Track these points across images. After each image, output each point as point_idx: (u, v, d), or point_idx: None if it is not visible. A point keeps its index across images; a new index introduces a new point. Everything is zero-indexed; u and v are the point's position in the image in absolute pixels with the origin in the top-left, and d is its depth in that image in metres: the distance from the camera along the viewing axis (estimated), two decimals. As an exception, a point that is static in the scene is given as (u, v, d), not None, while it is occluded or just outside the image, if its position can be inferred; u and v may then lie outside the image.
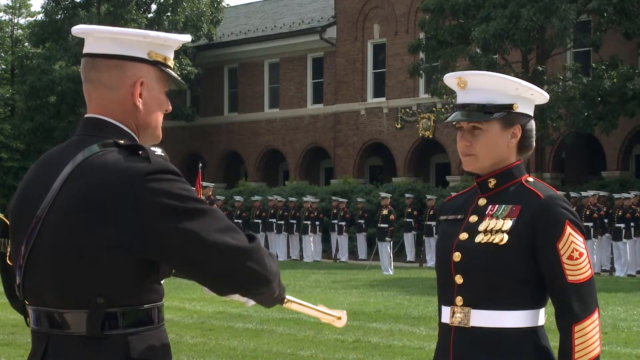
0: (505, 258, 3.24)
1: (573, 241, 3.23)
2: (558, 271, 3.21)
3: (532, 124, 3.45)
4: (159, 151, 2.59)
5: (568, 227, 3.24)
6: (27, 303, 2.63)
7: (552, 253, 3.22)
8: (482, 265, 3.24)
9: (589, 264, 3.26)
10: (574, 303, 3.18)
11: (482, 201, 3.40)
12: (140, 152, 2.53)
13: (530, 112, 3.44)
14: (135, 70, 2.66)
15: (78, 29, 2.70)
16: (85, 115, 2.71)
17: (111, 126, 2.64)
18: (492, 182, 3.39)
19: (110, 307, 2.49)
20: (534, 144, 3.50)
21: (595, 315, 3.22)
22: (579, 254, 3.23)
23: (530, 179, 3.39)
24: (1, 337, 12.10)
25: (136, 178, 2.48)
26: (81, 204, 2.50)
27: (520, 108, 3.39)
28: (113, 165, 2.51)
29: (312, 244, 31.07)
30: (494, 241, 3.26)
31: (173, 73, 2.73)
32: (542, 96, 3.47)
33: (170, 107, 2.77)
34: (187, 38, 2.78)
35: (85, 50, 2.70)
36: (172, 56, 2.74)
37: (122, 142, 2.58)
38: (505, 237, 3.25)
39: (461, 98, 3.40)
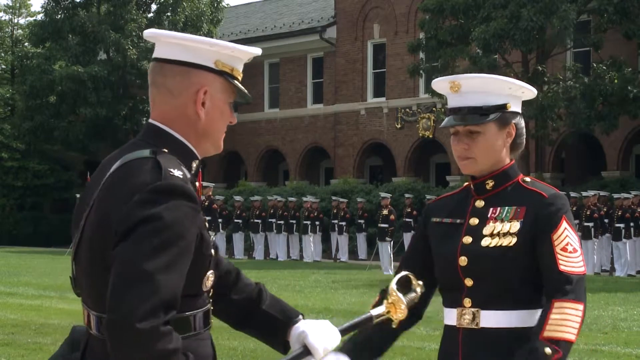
0: (515, 259, 3.24)
1: (568, 235, 3.24)
2: (551, 261, 3.20)
3: (522, 121, 3.45)
4: (179, 173, 2.51)
5: (564, 222, 3.25)
6: (81, 299, 2.68)
7: (547, 244, 3.22)
8: (492, 268, 3.23)
9: (582, 262, 3.25)
10: (562, 287, 3.16)
11: (479, 203, 3.38)
12: (161, 169, 2.49)
13: (520, 110, 3.44)
14: (199, 79, 2.64)
15: (148, 33, 2.70)
16: (148, 120, 2.71)
17: (164, 134, 2.64)
18: (490, 184, 3.38)
19: None
20: (524, 142, 3.49)
21: (581, 306, 3.17)
22: (573, 249, 3.23)
23: (528, 179, 3.39)
24: (1, 337, 12.09)
25: (137, 191, 2.46)
26: (101, 209, 2.52)
27: (512, 107, 3.38)
28: (130, 175, 2.51)
29: (312, 244, 31.06)
30: (503, 244, 3.25)
31: (240, 85, 2.71)
32: (531, 93, 3.47)
33: (235, 120, 2.75)
34: (257, 51, 2.76)
35: (154, 54, 2.70)
36: (240, 68, 2.72)
37: (165, 151, 2.57)
38: (514, 239, 3.25)
39: (454, 102, 3.37)
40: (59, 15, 40.17)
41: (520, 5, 25.66)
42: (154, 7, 41.31)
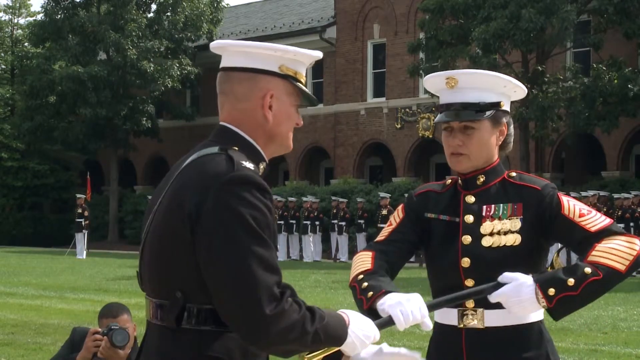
0: (520, 257, 3.23)
1: (575, 204, 3.24)
2: (578, 230, 3.17)
3: (511, 121, 3.45)
4: (250, 165, 2.62)
5: (563, 197, 3.27)
6: (145, 291, 2.76)
7: (563, 221, 3.20)
8: (496, 268, 3.19)
9: (604, 216, 3.22)
10: (607, 235, 3.13)
11: (469, 198, 3.37)
12: (234, 162, 2.59)
13: (509, 109, 3.45)
14: (266, 83, 2.74)
15: (216, 45, 2.81)
16: (219, 123, 2.80)
17: (234, 135, 2.73)
18: (480, 179, 3.37)
19: (188, 302, 2.56)
20: (512, 143, 3.48)
21: (637, 240, 3.12)
22: (587, 210, 3.23)
23: (513, 174, 3.38)
24: (1, 337, 12.08)
25: (214, 183, 2.54)
26: (172, 202, 2.62)
27: (505, 105, 3.39)
28: (204, 168, 2.61)
29: (312, 244, 31.06)
30: (507, 243, 3.24)
31: (304, 87, 2.80)
32: (522, 92, 3.48)
33: (302, 122, 2.86)
34: (318, 54, 2.85)
35: (222, 64, 2.81)
36: (304, 72, 2.81)
37: (235, 149, 2.66)
38: (518, 237, 3.24)
39: (449, 97, 3.36)
40: (59, 15, 40.15)
41: (521, 6, 25.66)
42: (154, 7, 41.29)
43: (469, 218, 3.33)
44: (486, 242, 3.26)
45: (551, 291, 3.03)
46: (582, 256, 3.14)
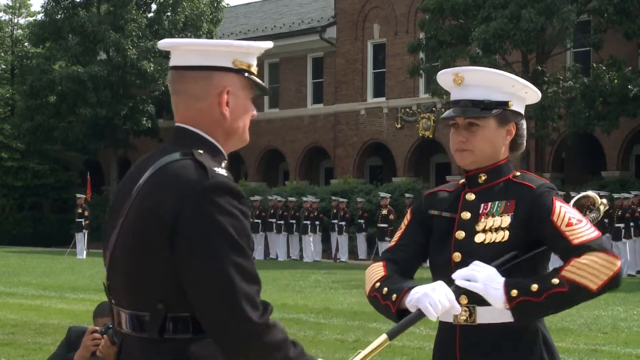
0: (508, 253, 3.23)
1: (566, 211, 3.23)
2: (562, 241, 3.18)
3: (524, 123, 3.46)
4: (222, 171, 2.60)
5: (556, 201, 3.24)
6: (113, 303, 2.73)
7: (549, 226, 3.21)
8: (487, 264, 3.21)
9: (592, 227, 3.22)
10: (587, 250, 3.13)
11: (470, 196, 3.39)
12: (206, 169, 2.57)
13: (523, 111, 3.44)
14: (221, 80, 2.72)
15: (164, 43, 2.77)
16: (175, 125, 2.77)
17: (195, 136, 2.70)
18: (482, 178, 3.39)
19: (170, 312, 2.55)
20: (525, 144, 3.49)
21: (616, 261, 3.13)
22: (577, 220, 3.21)
23: (518, 173, 3.39)
24: (1, 337, 12.09)
25: (191, 192, 2.52)
26: (144, 211, 2.58)
27: (515, 106, 3.39)
28: (175, 175, 2.57)
29: (312, 244, 31.06)
30: (496, 240, 3.25)
31: (257, 79, 2.82)
32: (535, 95, 3.47)
33: (256, 113, 2.83)
34: (268, 45, 2.88)
35: (172, 63, 2.76)
36: (255, 63, 2.83)
37: (200, 152, 2.63)
38: (507, 233, 3.25)
39: (456, 94, 3.39)
40: (59, 15, 40.15)
41: (521, 6, 25.66)
42: (154, 7, 41.29)
43: (466, 215, 3.35)
44: (478, 238, 3.28)
45: (514, 292, 3.10)
46: (557, 267, 3.17)
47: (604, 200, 3.41)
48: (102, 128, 39.89)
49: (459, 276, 3.16)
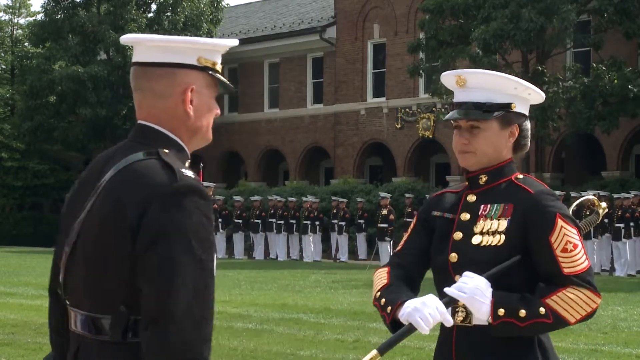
0: (503, 258, 3.24)
1: (566, 234, 3.23)
2: (553, 265, 3.21)
3: (528, 123, 3.46)
4: (189, 172, 2.56)
5: (559, 220, 3.24)
6: (68, 304, 2.68)
7: (546, 247, 3.22)
8: (481, 266, 3.23)
9: (584, 256, 3.25)
10: (574, 283, 3.20)
11: (471, 197, 3.40)
12: (172, 170, 2.53)
13: (527, 112, 3.45)
14: (185, 77, 2.67)
15: (127, 39, 2.71)
16: (137, 122, 2.72)
17: (159, 134, 2.66)
18: (483, 179, 3.40)
19: (133, 315, 2.50)
20: (529, 144, 3.49)
21: (598, 299, 3.21)
22: (573, 245, 3.22)
23: (520, 176, 3.39)
24: (1, 337, 12.09)
25: (158, 194, 2.48)
26: (108, 211, 2.53)
27: (517, 107, 3.39)
28: (141, 176, 2.53)
29: (312, 244, 31.07)
30: (492, 243, 3.26)
31: (222, 77, 2.75)
32: (538, 96, 3.48)
33: (219, 111, 2.78)
34: (234, 42, 2.79)
35: (135, 59, 2.71)
36: (219, 61, 2.75)
37: (166, 152, 2.59)
38: (502, 237, 3.26)
39: (459, 96, 3.40)
40: (59, 15, 40.15)
41: (521, 6, 25.66)
42: (154, 7, 41.29)
43: (465, 216, 3.36)
44: (475, 240, 3.29)
45: (500, 311, 3.14)
46: (543, 291, 3.20)
47: (604, 204, 3.44)
48: (102, 128, 39.89)
49: (452, 286, 3.18)
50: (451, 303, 3.17)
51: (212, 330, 2.53)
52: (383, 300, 3.32)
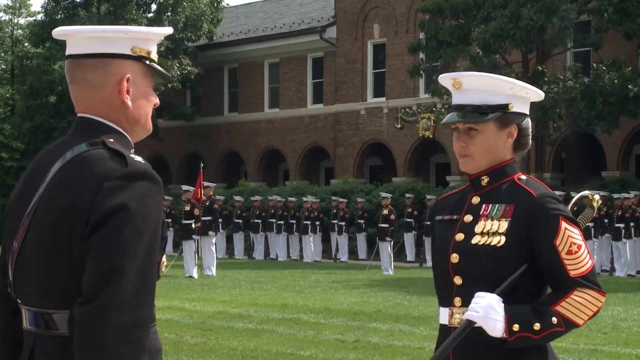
0: (504, 259, 3.24)
1: (570, 235, 3.25)
2: (559, 268, 3.23)
3: (528, 122, 3.46)
4: (139, 158, 2.55)
5: (563, 222, 3.25)
6: (19, 302, 2.64)
7: (551, 251, 3.23)
8: (480, 266, 3.25)
9: (588, 255, 3.29)
10: (580, 284, 3.26)
11: (475, 199, 3.41)
12: (121, 157, 2.52)
13: (526, 111, 3.45)
14: (120, 67, 2.64)
15: (59, 32, 2.68)
16: (77, 115, 2.69)
17: (100, 125, 2.64)
18: (484, 180, 3.40)
19: None
20: (530, 142, 3.50)
21: (603, 298, 3.29)
22: (577, 246, 3.25)
23: (523, 177, 3.40)
24: None
25: (106, 182, 2.46)
26: (59, 203, 2.51)
27: (515, 107, 3.40)
28: (91, 166, 2.51)
29: (312, 244, 31.07)
30: (492, 243, 3.27)
31: (158, 67, 2.73)
32: (537, 94, 3.48)
33: (158, 101, 2.76)
34: (168, 30, 2.77)
35: (68, 52, 2.68)
36: (155, 50, 2.72)
37: (111, 140, 2.58)
38: (503, 238, 3.26)
39: (456, 99, 3.41)
40: (59, 16, 40.16)
41: (520, 5, 25.66)
42: (154, 7, 41.30)
43: (469, 217, 3.37)
44: (475, 240, 3.30)
45: (515, 327, 3.17)
46: (552, 298, 3.25)
47: (597, 197, 3.56)
48: (102, 128, 39.88)
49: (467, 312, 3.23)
50: (469, 327, 3.20)
51: (153, 315, 2.51)
52: None
